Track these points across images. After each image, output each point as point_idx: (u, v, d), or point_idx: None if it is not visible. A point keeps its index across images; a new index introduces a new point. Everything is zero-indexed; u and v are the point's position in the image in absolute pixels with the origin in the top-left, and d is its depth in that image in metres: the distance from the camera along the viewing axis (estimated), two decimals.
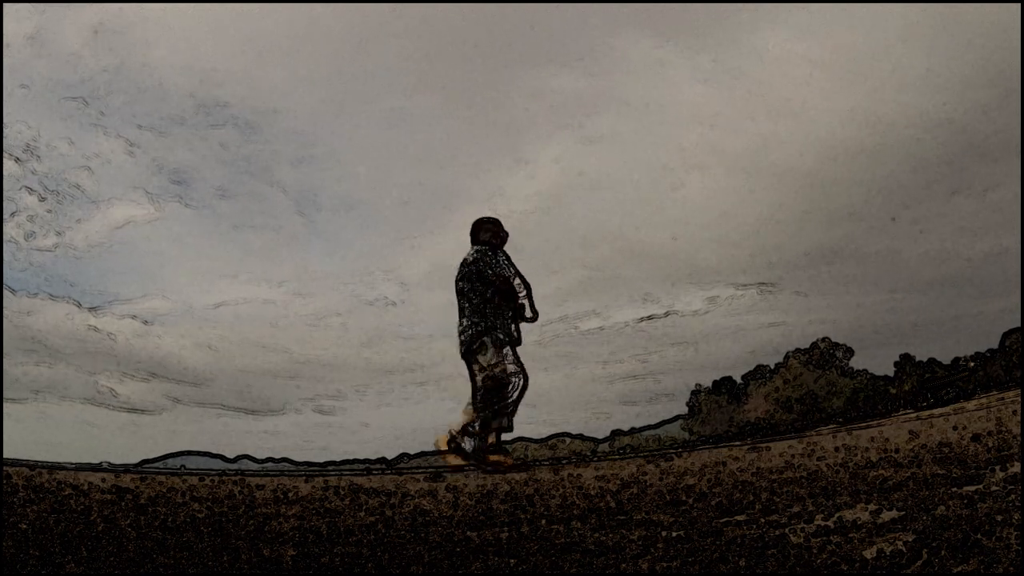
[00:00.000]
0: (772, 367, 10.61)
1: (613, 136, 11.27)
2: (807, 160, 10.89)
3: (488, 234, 5.00)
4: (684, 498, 2.47)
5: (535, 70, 11.40)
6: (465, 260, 4.90)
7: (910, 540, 1.52)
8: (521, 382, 4.67)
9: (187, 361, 10.77)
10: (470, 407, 4.67)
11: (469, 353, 4.70)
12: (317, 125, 11.97)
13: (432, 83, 11.66)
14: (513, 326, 4.77)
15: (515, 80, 11.73)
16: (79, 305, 10.02)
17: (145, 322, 10.62)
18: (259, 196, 11.64)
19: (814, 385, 10.13)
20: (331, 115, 12.06)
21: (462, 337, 4.74)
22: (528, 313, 4.86)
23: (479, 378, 4.64)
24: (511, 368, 4.67)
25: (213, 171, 11.26)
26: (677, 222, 11.29)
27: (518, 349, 4.76)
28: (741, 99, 11.00)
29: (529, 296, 4.86)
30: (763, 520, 1.97)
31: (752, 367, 10.75)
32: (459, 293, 4.82)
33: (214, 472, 4.98)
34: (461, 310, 4.79)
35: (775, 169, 11.29)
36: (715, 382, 10.89)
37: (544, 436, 10.54)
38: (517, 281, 4.86)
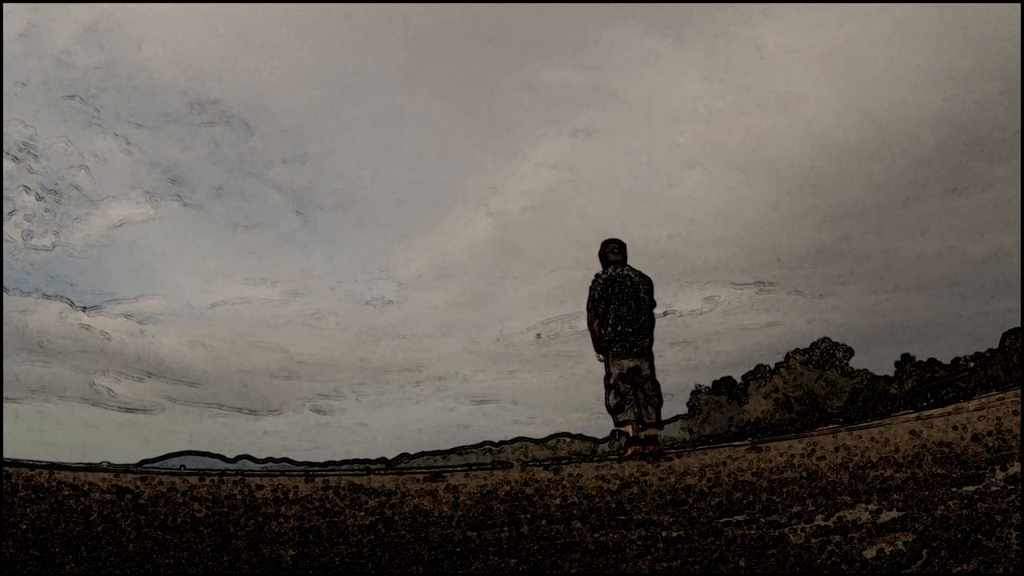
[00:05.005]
0: (772, 367, 10.59)
1: (607, 132, 11.27)
2: (804, 157, 10.88)
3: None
4: (684, 498, 2.47)
5: (529, 67, 11.40)
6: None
7: (910, 540, 1.52)
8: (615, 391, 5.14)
9: (184, 361, 10.78)
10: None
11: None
12: (311, 123, 11.98)
13: (426, 80, 11.67)
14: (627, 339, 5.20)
15: (510, 77, 11.74)
16: (72, 304, 10.02)
17: (140, 321, 10.62)
18: (255, 195, 11.65)
19: (814, 385, 10.12)
20: (325, 113, 12.07)
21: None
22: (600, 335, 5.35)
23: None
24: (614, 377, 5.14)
25: (208, 170, 11.27)
26: (673, 220, 11.29)
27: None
28: (736, 94, 10.98)
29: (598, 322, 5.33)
30: (763, 520, 1.97)
31: (752, 367, 10.73)
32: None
33: (214, 472, 4.98)
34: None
35: (772, 166, 11.29)
36: (715, 382, 10.88)
37: (544, 436, 10.54)
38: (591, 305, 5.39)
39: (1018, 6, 8.07)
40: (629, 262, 5.37)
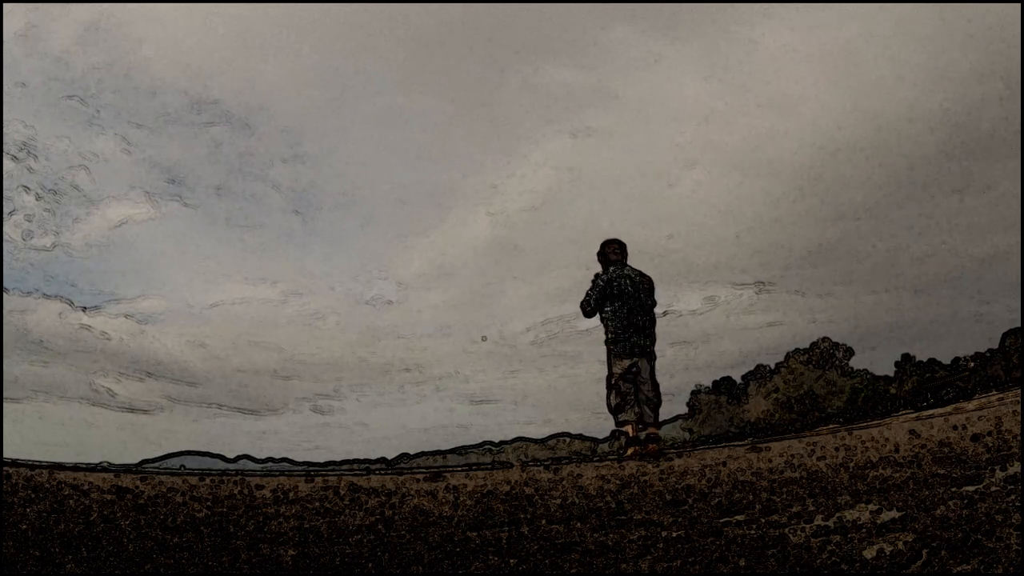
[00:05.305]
0: (772, 367, 10.59)
1: (607, 132, 11.26)
2: (804, 157, 10.88)
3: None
4: (684, 498, 2.47)
5: (529, 67, 11.39)
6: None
7: (910, 540, 1.52)
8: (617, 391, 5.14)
9: (184, 361, 10.78)
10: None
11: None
12: (311, 123, 11.98)
13: (426, 80, 11.67)
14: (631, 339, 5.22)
15: (510, 77, 11.72)
16: (72, 304, 10.01)
17: (140, 321, 10.62)
18: (254, 195, 11.65)
19: (814, 385, 10.12)
20: (325, 113, 12.07)
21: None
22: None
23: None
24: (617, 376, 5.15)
25: (208, 169, 11.28)
26: (672, 220, 11.29)
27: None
28: (736, 94, 10.98)
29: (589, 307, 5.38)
30: (763, 520, 1.97)
31: (752, 367, 10.73)
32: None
33: (214, 472, 4.98)
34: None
35: (771, 166, 11.29)
36: (715, 382, 10.88)
37: (544, 436, 10.54)
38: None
39: (1018, 6, 8.07)
40: (629, 262, 5.38)
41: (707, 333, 10.44)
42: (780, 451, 4.06)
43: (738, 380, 10.77)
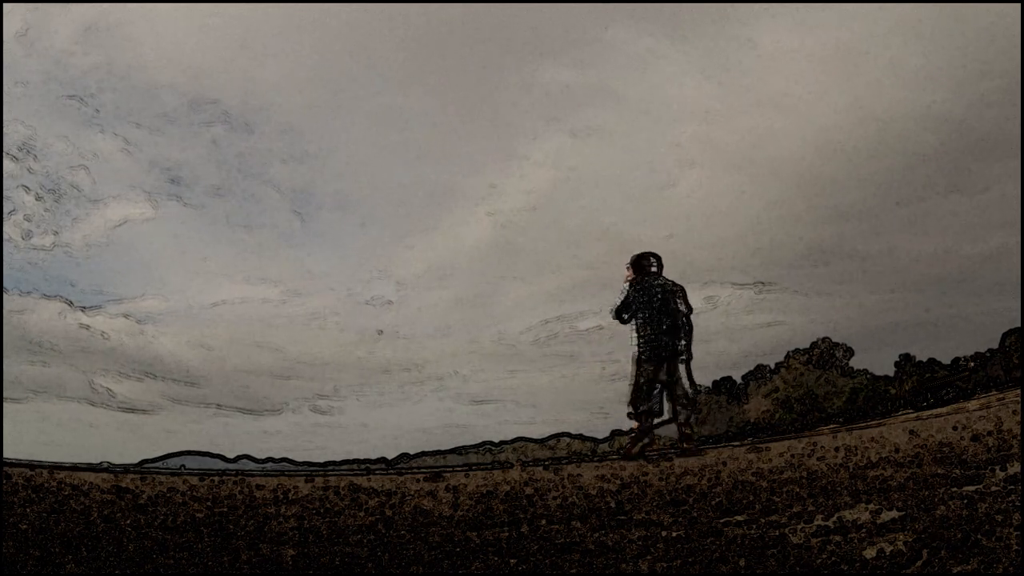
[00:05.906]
0: (772, 367, 10.58)
1: (607, 132, 11.22)
2: (803, 156, 10.85)
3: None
4: (684, 498, 2.47)
5: (529, 67, 11.35)
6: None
7: (910, 540, 1.52)
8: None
9: (184, 361, 10.76)
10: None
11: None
12: (310, 123, 11.94)
13: (425, 80, 11.63)
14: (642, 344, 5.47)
15: (510, 77, 11.70)
16: (71, 304, 10.00)
17: (140, 321, 10.60)
18: (254, 195, 11.61)
19: (814, 385, 10.12)
20: (324, 113, 12.02)
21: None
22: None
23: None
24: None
25: (207, 169, 11.24)
26: (672, 220, 11.25)
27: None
28: (735, 94, 10.93)
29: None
30: (763, 520, 1.97)
31: (752, 367, 10.73)
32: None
33: (214, 472, 4.98)
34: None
35: (771, 165, 11.25)
36: (715, 382, 10.86)
37: (544, 436, 10.53)
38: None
39: (1018, 6, 8.06)
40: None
41: (707, 333, 10.43)
42: (780, 451, 4.06)
43: (738, 380, 10.76)
